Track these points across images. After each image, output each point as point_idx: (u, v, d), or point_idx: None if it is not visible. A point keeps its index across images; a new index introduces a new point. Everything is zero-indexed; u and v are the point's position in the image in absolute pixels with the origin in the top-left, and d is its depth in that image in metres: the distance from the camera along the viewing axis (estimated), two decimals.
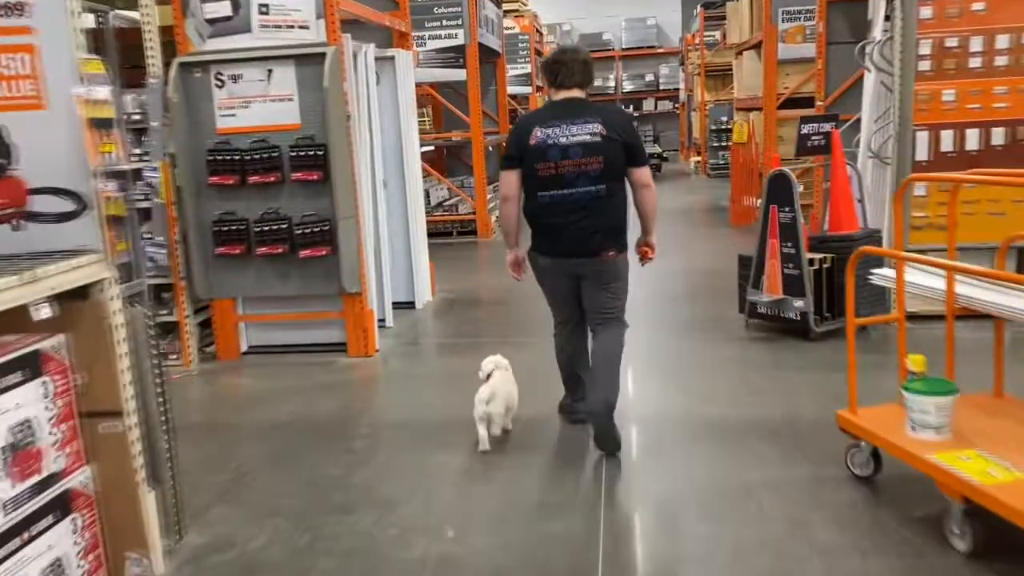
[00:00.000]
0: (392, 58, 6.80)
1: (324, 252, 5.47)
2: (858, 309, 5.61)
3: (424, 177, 11.50)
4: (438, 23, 10.63)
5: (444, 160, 13.70)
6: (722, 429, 4.18)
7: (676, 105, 25.29)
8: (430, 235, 11.32)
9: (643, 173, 3.92)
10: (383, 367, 5.61)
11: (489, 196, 11.50)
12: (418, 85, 11.53)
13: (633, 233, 4.10)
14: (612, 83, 26.70)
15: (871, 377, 4.02)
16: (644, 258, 4.24)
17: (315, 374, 5.43)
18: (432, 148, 13.32)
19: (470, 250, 10.47)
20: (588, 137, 3.78)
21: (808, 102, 10.49)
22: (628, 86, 26.65)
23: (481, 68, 12.10)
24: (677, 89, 24.87)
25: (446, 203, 11.45)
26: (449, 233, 11.23)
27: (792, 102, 10.41)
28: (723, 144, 17.44)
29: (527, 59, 17.72)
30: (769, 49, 10.33)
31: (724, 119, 17.37)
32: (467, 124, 11.04)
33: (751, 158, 10.67)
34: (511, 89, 17.62)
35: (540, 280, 4.14)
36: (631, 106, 26.46)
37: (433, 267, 7.52)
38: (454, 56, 10.70)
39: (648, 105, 26.49)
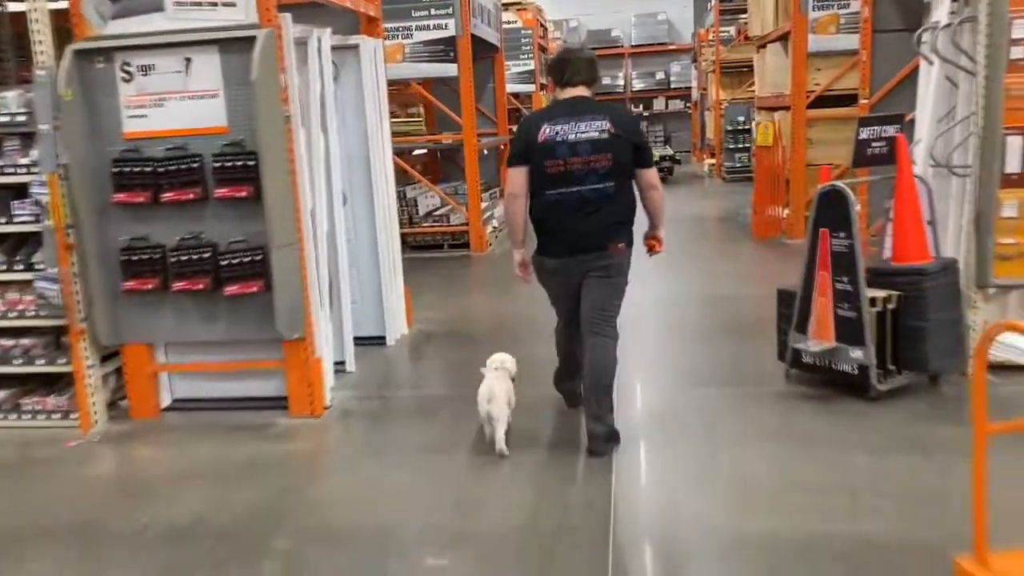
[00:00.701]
0: (356, 47, 5.66)
1: (255, 288, 4.34)
2: (930, 359, 4.50)
3: (412, 184, 10.40)
4: (426, 12, 9.50)
5: (438, 164, 12.59)
6: (768, 550, 3.02)
7: (688, 104, 24.12)
8: (418, 248, 10.30)
9: (650, 174, 3.95)
10: (331, 433, 4.46)
11: (484, 205, 10.37)
12: (406, 82, 10.49)
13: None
14: (621, 81, 25.59)
15: (958, 466, 2.88)
16: (652, 250, 4.20)
17: (242, 443, 4.30)
18: (425, 151, 12.24)
19: (462, 267, 9.34)
20: (596, 134, 3.77)
21: (842, 100, 9.33)
22: (638, 84, 25.53)
23: (476, 64, 10.96)
24: (689, 87, 23.71)
25: (436, 212, 10.32)
26: (439, 246, 10.09)
27: (823, 100, 9.26)
28: (740, 146, 16.29)
29: (530, 55, 16.63)
30: (798, 41, 9.15)
31: (741, 119, 16.22)
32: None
33: (777, 163, 9.50)
34: (512, 87, 16.55)
35: (544, 283, 4.12)
36: (640, 105, 25.38)
37: (409, 295, 6.38)
38: (444, 49, 9.57)
39: (658, 104, 25.35)
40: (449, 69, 9.62)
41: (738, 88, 17.11)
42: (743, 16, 17.52)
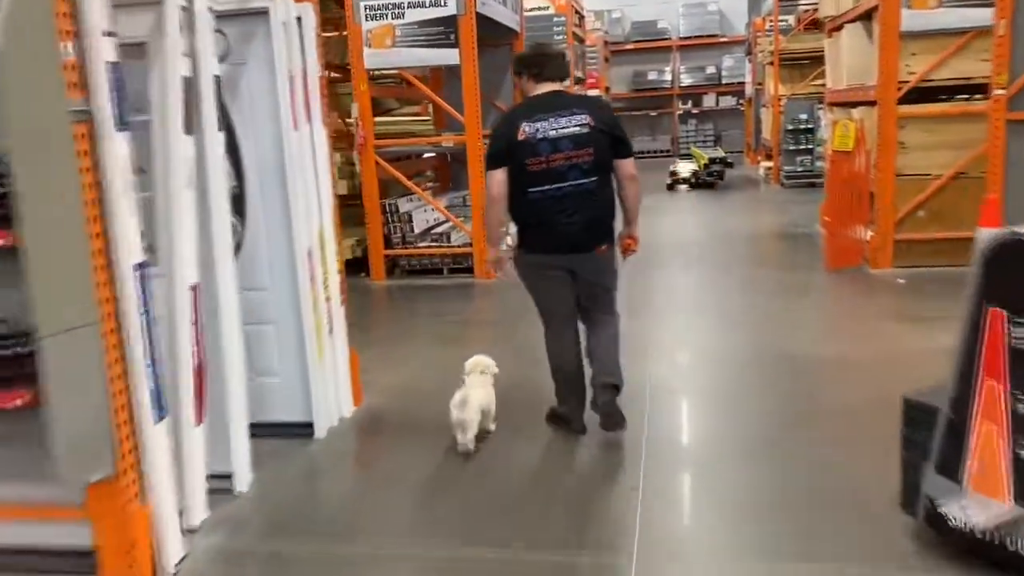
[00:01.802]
0: (264, 12, 3.91)
1: (18, 402, 2.61)
2: None
3: (407, 195, 8.66)
4: None
5: (449, 171, 10.84)
6: None
7: (741, 101, 22.03)
8: (414, 273, 8.54)
9: (629, 164, 3.87)
10: None
11: None
12: (385, 74, 8.76)
13: None
14: (668, 76, 23.65)
15: None
16: (627, 251, 4.07)
17: None
18: (434, 155, 10.51)
19: (460, 299, 7.57)
20: (577, 129, 3.72)
21: (937, 93, 7.37)
22: (686, 79, 23.58)
23: (491, 52, 9.24)
24: (742, 83, 21.62)
25: (435, 230, 8.55)
26: (438, 270, 8.32)
27: (919, 93, 7.29)
28: (802, 147, 14.25)
29: (563, 46, 14.81)
30: (888, 18, 7.19)
31: (803, 117, 14.19)
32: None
33: (859, 171, 7.54)
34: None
35: (530, 280, 3.97)
36: (689, 101, 23.42)
37: (356, 360, 4.62)
38: (443, 32, 7.79)
39: (709, 101, 23.35)
40: (449, 56, 7.84)
41: (799, 82, 15.07)
42: (804, 2, 15.50)
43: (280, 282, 4.15)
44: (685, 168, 15.59)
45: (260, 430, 4.13)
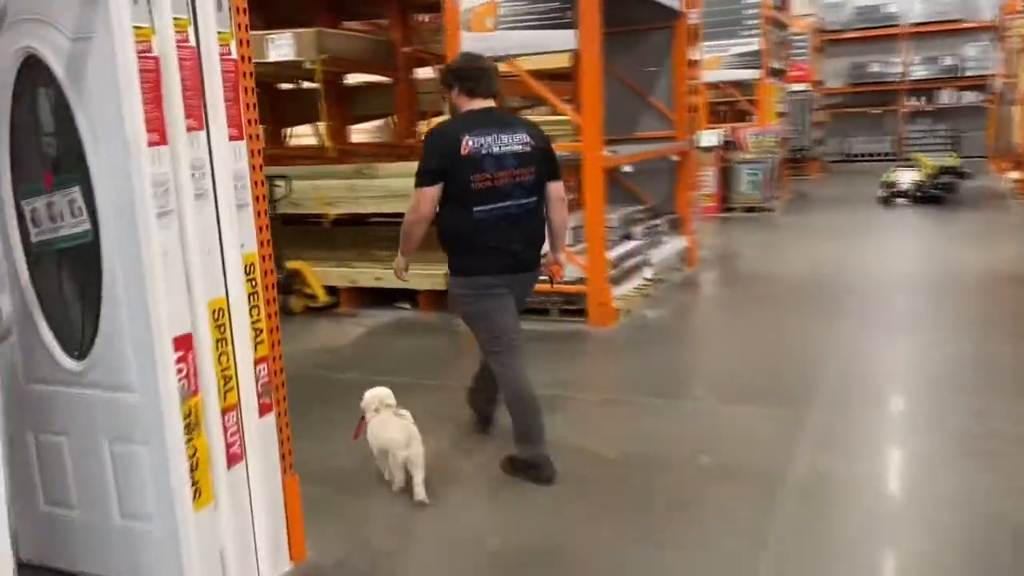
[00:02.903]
0: None
1: None
2: None
3: None
4: None
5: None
6: None
7: (986, 97, 18.43)
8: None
9: (560, 186, 3.80)
10: None
11: (620, 251, 6.77)
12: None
13: None
14: (897, 68, 20.35)
15: None
16: (555, 277, 3.95)
17: None
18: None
19: (566, 355, 5.77)
20: (519, 147, 3.63)
21: None
22: (918, 72, 20.29)
23: (642, 37, 7.50)
24: (988, 75, 18.06)
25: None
26: (543, 311, 6.57)
27: None
28: None
29: (756, 32, 12.66)
30: None
31: None
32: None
33: None
34: (728, 73, 12.69)
35: (477, 305, 3.65)
36: (923, 98, 20.02)
37: (296, 496, 3.04)
38: (558, 10, 6.07)
39: (944, 97, 19.88)
40: (565, 39, 6.11)
41: None
42: None
43: (150, 383, 2.67)
44: (905, 178, 12.77)
45: None
